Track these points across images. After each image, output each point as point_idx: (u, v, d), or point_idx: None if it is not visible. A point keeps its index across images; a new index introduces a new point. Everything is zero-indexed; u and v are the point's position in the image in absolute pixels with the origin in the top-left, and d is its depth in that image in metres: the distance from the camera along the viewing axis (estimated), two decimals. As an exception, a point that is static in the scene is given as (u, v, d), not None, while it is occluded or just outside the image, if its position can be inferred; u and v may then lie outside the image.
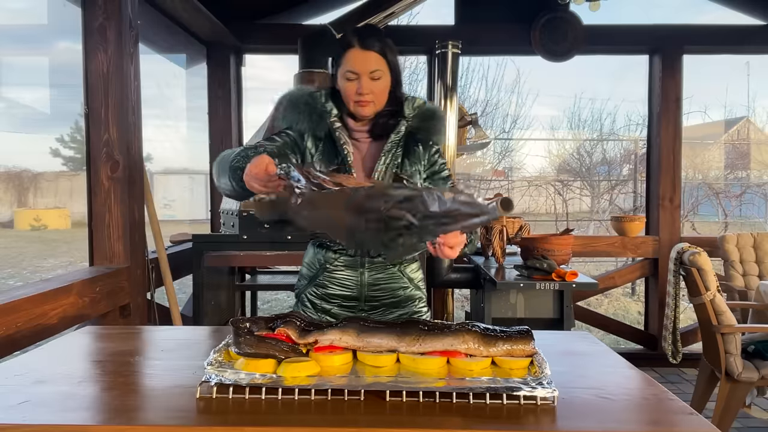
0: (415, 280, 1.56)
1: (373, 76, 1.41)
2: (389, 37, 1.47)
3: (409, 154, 1.50)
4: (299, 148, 1.49)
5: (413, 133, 1.51)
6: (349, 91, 1.42)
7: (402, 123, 1.49)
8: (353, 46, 1.41)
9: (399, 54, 1.49)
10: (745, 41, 3.83)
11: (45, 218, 15.64)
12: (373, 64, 1.41)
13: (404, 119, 1.50)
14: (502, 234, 2.99)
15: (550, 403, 0.96)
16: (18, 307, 1.76)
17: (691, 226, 7.58)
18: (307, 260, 1.57)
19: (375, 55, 1.41)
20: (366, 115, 1.45)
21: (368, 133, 1.50)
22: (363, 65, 1.40)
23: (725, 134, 11.83)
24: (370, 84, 1.41)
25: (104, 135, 2.31)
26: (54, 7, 3.60)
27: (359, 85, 1.41)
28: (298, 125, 1.48)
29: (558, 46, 3.71)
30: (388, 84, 1.45)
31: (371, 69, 1.40)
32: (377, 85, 1.42)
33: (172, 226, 4.58)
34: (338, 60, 1.44)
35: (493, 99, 9.60)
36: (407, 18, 6.69)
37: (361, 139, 1.51)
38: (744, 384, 2.62)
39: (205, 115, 3.78)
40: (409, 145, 1.50)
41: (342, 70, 1.42)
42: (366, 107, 1.43)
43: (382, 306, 1.51)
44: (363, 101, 1.42)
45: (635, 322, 5.41)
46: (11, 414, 0.92)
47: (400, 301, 1.52)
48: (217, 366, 1.02)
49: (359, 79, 1.41)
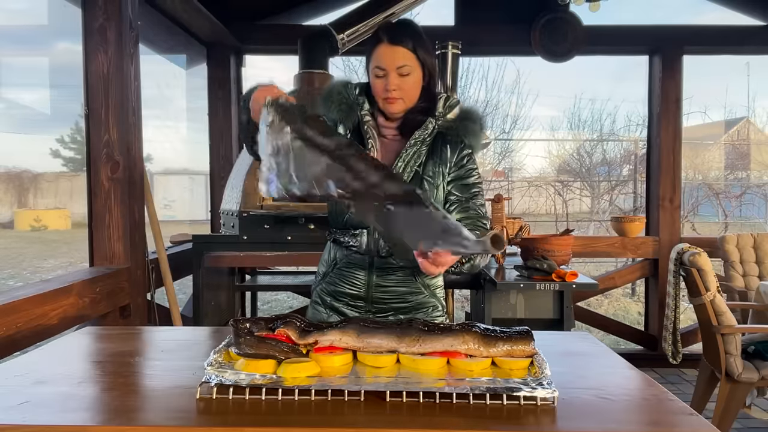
0: (432, 287, 1.51)
1: (402, 71, 1.37)
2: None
3: (435, 154, 1.44)
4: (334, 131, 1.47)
5: (443, 133, 1.45)
6: (378, 88, 1.39)
7: (430, 120, 1.44)
8: (382, 41, 1.37)
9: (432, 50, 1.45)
10: (745, 42, 3.83)
11: (45, 219, 15.65)
12: (401, 59, 1.36)
13: (433, 117, 1.45)
14: (502, 235, 2.99)
15: (550, 403, 0.96)
16: (18, 307, 1.76)
17: (691, 226, 7.59)
18: (324, 257, 1.57)
19: (403, 50, 1.36)
20: (395, 112, 1.41)
21: (397, 130, 1.46)
22: (390, 61, 1.36)
23: (725, 135, 11.83)
24: (398, 80, 1.37)
25: (104, 136, 2.31)
26: (54, 8, 3.61)
27: (387, 81, 1.37)
28: (330, 114, 1.46)
29: (558, 47, 3.71)
30: (418, 80, 1.40)
31: (399, 64, 1.36)
32: (406, 81, 1.38)
33: (172, 227, 4.58)
34: (369, 57, 1.41)
35: (493, 99, 9.60)
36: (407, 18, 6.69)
37: (389, 137, 1.47)
38: (744, 384, 2.62)
39: (205, 115, 3.78)
40: (436, 145, 1.45)
41: (371, 67, 1.40)
42: (394, 104, 1.39)
43: (390, 309, 1.47)
44: (391, 98, 1.38)
45: (635, 322, 5.41)
46: (11, 414, 0.92)
47: (412, 307, 1.48)
48: (217, 366, 1.02)
49: (387, 75, 1.37)
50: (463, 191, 1.45)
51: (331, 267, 1.51)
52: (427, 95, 1.44)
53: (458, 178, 1.46)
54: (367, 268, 1.46)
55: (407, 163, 1.43)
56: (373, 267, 1.46)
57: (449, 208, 1.44)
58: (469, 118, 1.47)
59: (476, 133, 1.47)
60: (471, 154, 1.48)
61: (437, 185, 1.44)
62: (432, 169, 1.44)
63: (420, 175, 1.43)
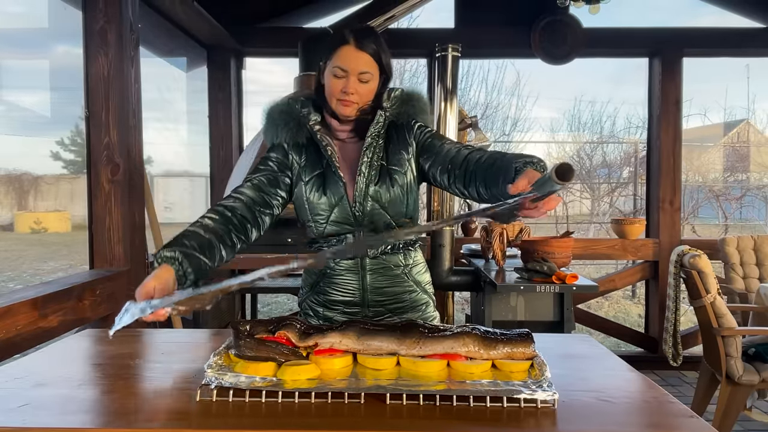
0: (422, 283, 1.52)
1: (362, 78, 1.36)
2: (388, 40, 1.45)
3: (392, 143, 1.44)
4: (288, 165, 1.45)
5: (394, 121, 1.46)
6: (335, 88, 1.37)
7: (379, 114, 1.44)
8: (348, 43, 1.36)
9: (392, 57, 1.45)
10: (745, 44, 3.84)
11: (45, 221, 15.65)
12: (364, 65, 1.36)
13: (381, 110, 1.44)
14: (503, 237, 2.99)
15: (551, 406, 0.96)
16: (18, 310, 1.76)
17: (691, 228, 7.58)
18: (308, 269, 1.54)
19: (368, 57, 1.36)
20: (347, 115, 1.40)
21: (352, 132, 1.45)
22: (354, 64, 1.35)
23: (725, 137, 11.83)
24: (356, 85, 1.36)
25: (105, 138, 2.31)
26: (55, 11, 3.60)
27: (346, 83, 1.36)
28: (278, 137, 1.45)
29: (558, 49, 3.72)
30: (375, 87, 1.40)
31: (361, 70, 1.36)
32: (364, 87, 1.37)
33: (172, 229, 4.59)
34: (329, 54, 1.38)
35: (493, 102, 9.61)
36: (407, 21, 6.71)
37: (346, 140, 1.46)
38: (744, 387, 2.61)
39: (205, 118, 3.78)
40: (391, 134, 1.45)
41: (331, 65, 1.37)
42: (348, 107, 1.38)
43: (387, 312, 1.46)
44: (347, 101, 1.37)
45: (635, 324, 5.40)
46: (11, 417, 0.92)
47: (406, 307, 1.48)
48: (217, 369, 1.02)
49: (347, 77, 1.36)
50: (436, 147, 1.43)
51: (320, 276, 1.48)
52: (378, 98, 1.44)
53: (424, 148, 1.45)
54: (360, 272, 1.45)
55: (371, 160, 1.42)
56: (366, 270, 1.45)
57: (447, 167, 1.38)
58: (412, 99, 1.48)
59: (423, 110, 1.49)
60: (421, 124, 1.49)
61: (404, 172, 1.43)
62: (395, 157, 1.43)
63: (386, 168, 1.42)
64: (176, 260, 1.20)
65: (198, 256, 1.23)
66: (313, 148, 1.45)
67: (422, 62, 7.91)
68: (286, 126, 1.44)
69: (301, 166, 1.44)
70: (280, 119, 1.45)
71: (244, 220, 1.36)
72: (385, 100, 1.46)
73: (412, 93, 1.50)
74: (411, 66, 9.20)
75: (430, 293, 1.54)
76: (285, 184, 1.45)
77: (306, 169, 1.44)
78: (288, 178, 1.45)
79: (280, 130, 1.44)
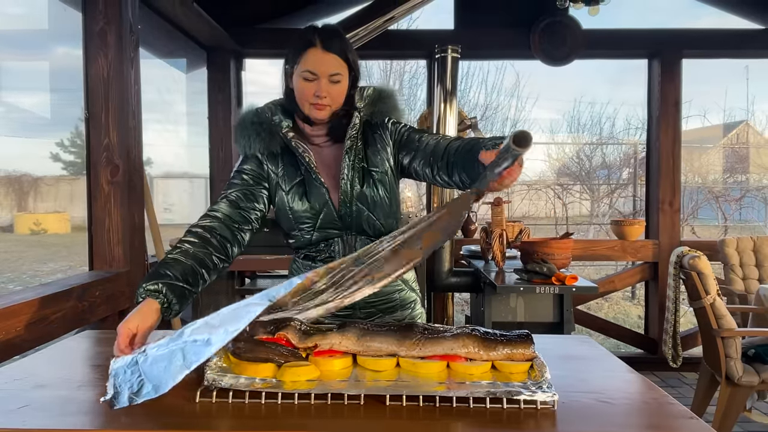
0: (409, 281, 1.53)
1: (333, 79, 1.34)
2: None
3: (370, 144, 1.43)
4: (264, 176, 1.43)
5: (368, 120, 1.45)
6: (306, 92, 1.34)
7: (355, 116, 1.42)
8: (314, 45, 1.33)
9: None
10: (744, 45, 3.84)
11: (45, 222, 15.64)
12: (334, 66, 1.34)
13: (356, 111, 1.43)
14: (502, 238, 2.99)
15: (550, 407, 0.96)
16: (18, 311, 1.76)
17: (690, 229, 7.59)
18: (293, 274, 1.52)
19: (336, 57, 1.34)
20: (321, 119, 1.38)
21: (327, 136, 1.43)
22: (323, 67, 1.33)
23: (724, 138, 11.84)
24: (328, 87, 1.34)
25: (104, 139, 2.31)
26: (54, 12, 3.60)
27: (318, 87, 1.33)
28: (251, 148, 1.41)
29: (557, 51, 3.72)
30: (346, 87, 1.38)
31: (331, 72, 1.34)
32: (335, 88, 1.35)
33: (172, 230, 4.59)
34: (296, 58, 1.36)
35: (493, 103, 9.62)
36: (407, 22, 6.71)
37: (321, 144, 1.44)
38: (744, 388, 2.61)
39: (205, 119, 3.78)
40: (366, 135, 1.44)
41: (299, 69, 1.34)
42: (322, 111, 1.36)
43: (378, 312, 1.47)
44: (320, 104, 1.35)
45: (635, 325, 5.40)
46: (11, 418, 0.92)
47: (396, 306, 1.49)
48: (216, 370, 1.02)
49: (318, 80, 1.33)
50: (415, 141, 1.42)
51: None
52: (350, 99, 1.42)
53: (401, 143, 1.44)
54: None
55: (353, 162, 1.40)
56: None
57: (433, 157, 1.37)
58: (384, 96, 1.47)
59: (396, 107, 1.48)
60: (394, 121, 1.48)
61: (385, 171, 1.42)
62: (374, 158, 1.42)
63: (367, 169, 1.41)
64: (160, 293, 1.20)
65: (181, 286, 1.23)
66: (289, 155, 1.42)
67: (422, 63, 7.92)
68: (258, 136, 1.41)
69: (279, 175, 1.42)
70: (252, 129, 1.41)
71: (224, 240, 1.36)
72: (358, 100, 1.44)
73: (383, 90, 1.48)
74: (410, 67, 9.21)
75: (417, 291, 1.55)
76: (262, 196, 1.43)
77: (285, 178, 1.42)
78: (265, 189, 1.43)
79: (252, 140, 1.41)
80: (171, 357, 1.02)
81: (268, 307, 1.04)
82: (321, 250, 1.44)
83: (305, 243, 1.45)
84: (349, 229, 1.42)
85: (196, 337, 1.03)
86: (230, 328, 0.99)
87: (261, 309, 1.01)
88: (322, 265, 1.40)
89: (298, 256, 1.51)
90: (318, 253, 1.45)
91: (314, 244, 1.44)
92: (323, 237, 1.43)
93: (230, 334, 0.98)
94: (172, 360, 1.01)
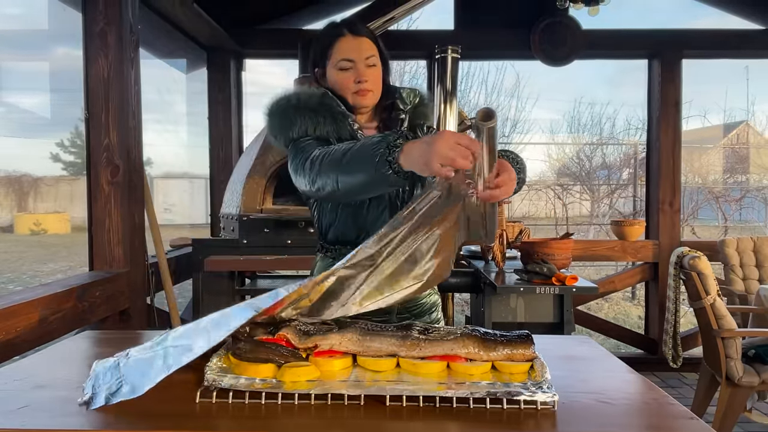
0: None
1: (368, 62, 1.34)
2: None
3: None
4: None
5: (412, 124, 1.46)
6: (347, 81, 1.34)
7: (405, 117, 1.42)
8: (343, 35, 1.34)
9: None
10: (744, 45, 3.84)
11: (45, 223, 15.65)
12: (367, 49, 1.34)
13: (404, 113, 1.43)
14: (502, 238, 2.99)
15: (551, 407, 0.95)
16: (18, 311, 1.76)
17: (691, 230, 7.58)
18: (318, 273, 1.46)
19: (367, 40, 1.35)
20: (366, 105, 1.37)
21: (377, 130, 1.43)
22: (357, 52, 1.33)
23: (725, 138, 11.84)
24: (366, 71, 1.33)
25: (104, 140, 2.31)
26: (54, 13, 3.60)
27: (356, 73, 1.33)
28: (318, 130, 1.34)
29: (557, 51, 3.72)
30: (381, 72, 1.38)
31: (366, 55, 1.34)
32: (372, 72, 1.35)
33: (172, 231, 4.58)
34: (326, 53, 1.35)
35: (493, 103, 9.61)
36: (407, 23, 6.71)
37: None
38: (744, 388, 2.61)
39: (205, 119, 3.78)
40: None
41: (334, 61, 1.35)
42: (366, 96, 1.35)
43: (411, 317, 1.43)
44: (363, 89, 1.34)
45: (635, 326, 5.40)
46: (11, 419, 0.92)
47: (426, 310, 1.46)
48: (216, 371, 1.02)
49: (355, 66, 1.33)
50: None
51: None
52: (387, 90, 1.42)
53: None
54: None
55: None
56: None
57: None
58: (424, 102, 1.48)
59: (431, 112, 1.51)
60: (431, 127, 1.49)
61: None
62: None
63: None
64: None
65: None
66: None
67: (422, 63, 7.91)
68: (333, 118, 1.34)
69: None
70: (323, 109, 1.35)
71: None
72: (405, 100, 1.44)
73: (423, 95, 1.49)
74: (410, 67, 9.21)
75: (438, 294, 1.54)
76: None
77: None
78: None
79: (323, 120, 1.34)
80: (152, 360, 1.03)
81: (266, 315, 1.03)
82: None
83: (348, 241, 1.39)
84: None
85: (177, 343, 1.05)
86: (213, 336, 0.99)
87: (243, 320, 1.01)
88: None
89: (332, 257, 1.42)
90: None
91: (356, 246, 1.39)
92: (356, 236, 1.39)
93: (212, 342, 0.99)
94: (153, 363, 1.02)
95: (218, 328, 1.02)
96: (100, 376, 1.04)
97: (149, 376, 0.99)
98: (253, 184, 2.85)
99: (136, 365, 1.04)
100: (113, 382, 1.01)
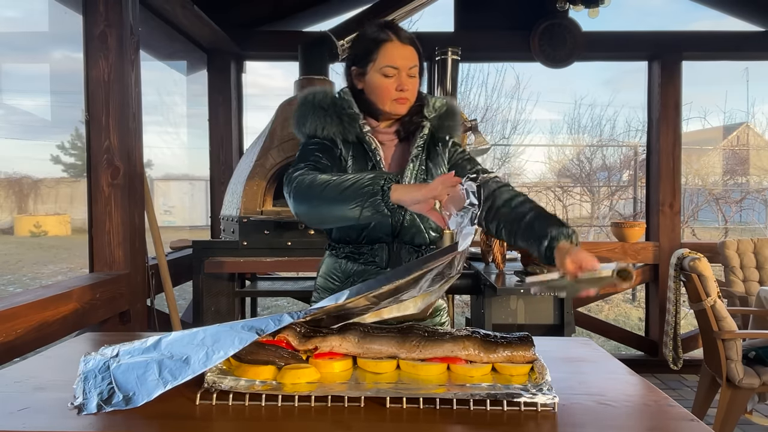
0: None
1: (411, 72, 1.34)
2: None
3: (432, 158, 1.42)
4: (336, 155, 1.38)
5: (434, 134, 1.44)
6: (389, 88, 1.33)
7: (426, 126, 1.41)
8: (390, 40, 1.32)
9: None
10: (744, 47, 3.85)
11: (45, 224, 15.66)
12: (412, 59, 1.34)
13: (427, 120, 1.42)
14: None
15: (551, 409, 0.95)
16: (18, 313, 1.76)
17: (691, 231, 7.59)
18: (325, 271, 1.47)
19: (413, 50, 1.34)
20: (402, 113, 1.37)
21: (395, 134, 1.42)
22: (404, 60, 1.32)
23: (725, 140, 11.85)
24: (408, 81, 1.34)
25: (105, 141, 2.31)
26: (55, 15, 3.61)
27: (398, 81, 1.32)
28: (326, 130, 1.37)
29: (557, 53, 3.72)
30: (418, 83, 1.38)
31: (411, 65, 1.33)
32: (412, 82, 1.35)
33: (172, 233, 4.59)
34: (371, 55, 1.34)
35: (493, 105, 9.60)
36: (407, 25, 6.72)
37: (386, 142, 1.42)
38: (745, 390, 2.61)
39: (205, 121, 3.79)
40: (430, 149, 1.42)
41: (378, 65, 1.33)
42: (404, 105, 1.35)
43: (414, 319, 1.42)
44: (403, 98, 1.33)
45: (636, 328, 5.40)
46: (11, 421, 0.92)
47: (434, 312, 1.46)
48: (216, 373, 1.02)
49: (398, 75, 1.32)
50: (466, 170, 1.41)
51: (345, 283, 1.40)
52: (419, 96, 1.42)
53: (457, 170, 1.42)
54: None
55: (417, 171, 1.39)
56: None
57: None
58: (452, 113, 1.46)
59: (459, 126, 1.49)
60: (455, 141, 1.48)
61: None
62: (434, 171, 1.41)
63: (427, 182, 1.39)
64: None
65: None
66: (359, 148, 1.39)
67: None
68: (340, 119, 1.37)
69: (347, 164, 1.38)
70: (333, 111, 1.37)
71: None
72: (428, 108, 1.43)
73: (453, 106, 1.48)
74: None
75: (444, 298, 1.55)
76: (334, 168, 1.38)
77: (353, 168, 1.37)
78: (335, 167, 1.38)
79: (331, 121, 1.37)
80: (145, 368, 1.00)
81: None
82: (364, 253, 1.40)
83: (352, 239, 1.40)
84: (398, 237, 1.39)
85: (173, 352, 1.02)
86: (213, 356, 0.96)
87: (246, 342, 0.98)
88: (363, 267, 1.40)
89: (338, 255, 1.44)
90: (360, 256, 1.41)
91: (360, 245, 1.40)
92: (371, 239, 1.39)
93: (212, 360, 0.96)
94: (147, 372, 0.99)
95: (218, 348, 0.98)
96: (90, 378, 1.03)
97: (144, 388, 0.97)
98: (254, 186, 2.85)
99: (129, 371, 1.02)
100: (104, 386, 1.00)
